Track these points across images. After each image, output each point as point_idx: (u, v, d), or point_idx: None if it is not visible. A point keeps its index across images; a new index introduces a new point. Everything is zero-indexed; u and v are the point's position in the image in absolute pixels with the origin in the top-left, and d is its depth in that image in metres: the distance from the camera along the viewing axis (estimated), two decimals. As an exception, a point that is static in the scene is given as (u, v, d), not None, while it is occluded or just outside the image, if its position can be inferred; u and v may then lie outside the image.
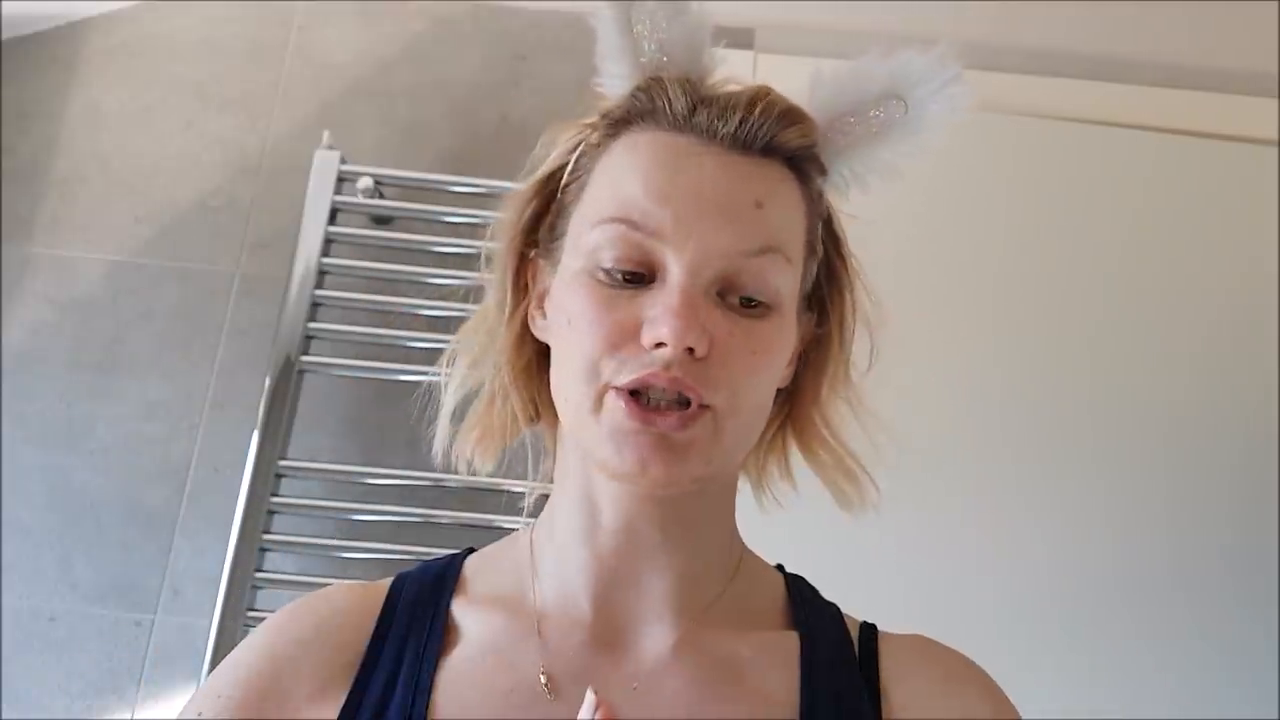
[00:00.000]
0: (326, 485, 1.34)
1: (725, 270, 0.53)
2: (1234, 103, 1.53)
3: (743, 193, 0.54)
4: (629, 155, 0.56)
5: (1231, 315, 1.45)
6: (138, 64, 1.56)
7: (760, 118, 0.55)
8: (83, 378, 1.41)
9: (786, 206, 0.56)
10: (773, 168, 0.56)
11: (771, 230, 0.54)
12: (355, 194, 1.41)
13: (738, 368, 0.53)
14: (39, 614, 1.32)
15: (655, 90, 0.57)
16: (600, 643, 0.57)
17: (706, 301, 0.53)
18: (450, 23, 1.59)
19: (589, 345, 0.53)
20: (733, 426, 0.54)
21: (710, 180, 0.54)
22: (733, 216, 0.53)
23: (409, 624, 0.58)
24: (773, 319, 0.55)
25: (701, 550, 0.59)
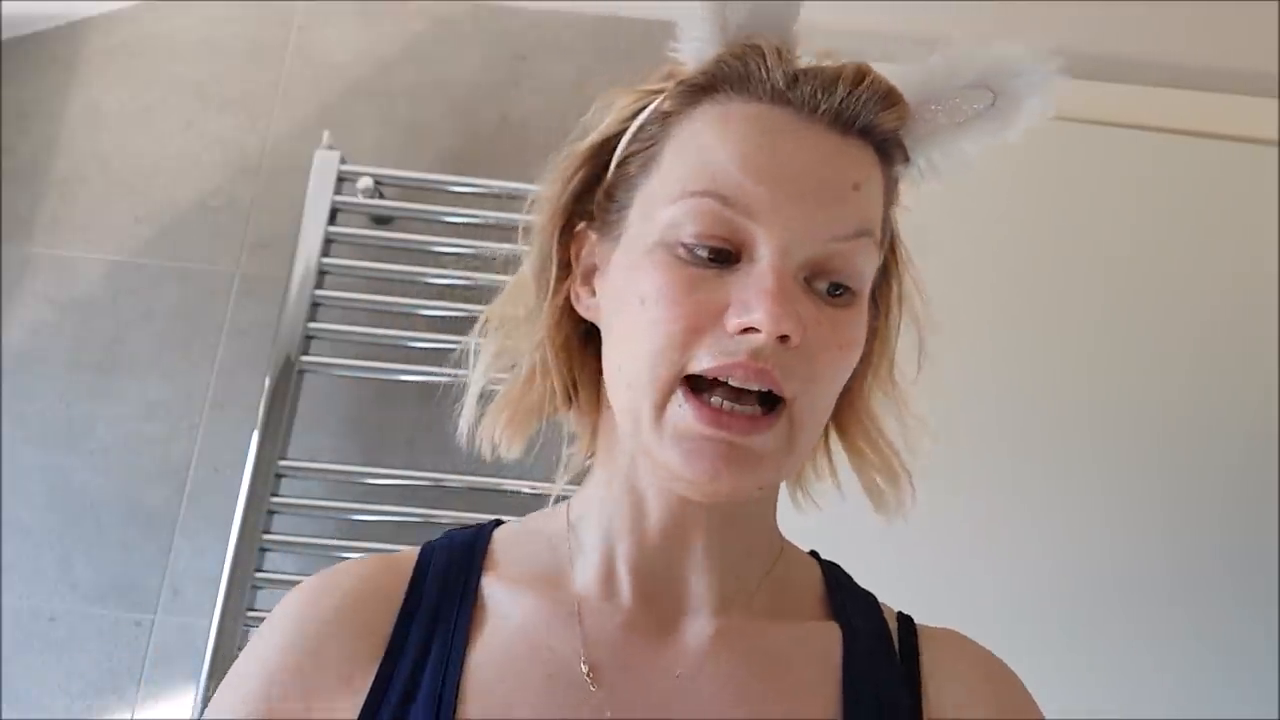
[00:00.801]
0: (326, 485, 1.34)
1: (817, 255, 0.49)
2: (1234, 103, 1.53)
3: (842, 174, 0.50)
4: (718, 125, 0.51)
5: (1231, 315, 1.45)
6: (138, 64, 1.56)
7: (864, 95, 0.51)
8: (83, 378, 1.41)
9: (875, 190, 0.52)
10: (866, 150, 0.52)
11: (865, 213, 0.51)
12: (355, 194, 1.41)
13: (822, 362, 0.49)
14: (39, 614, 1.32)
15: (751, 57, 0.52)
16: (641, 630, 0.54)
17: (797, 287, 0.49)
18: (450, 23, 1.59)
19: (667, 327, 0.48)
20: (806, 428, 0.51)
21: (810, 158, 0.50)
22: (831, 198, 0.50)
23: (438, 600, 0.55)
24: (856, 309, 0.52)
25: (747, 545, 0.57)
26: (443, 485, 1.31)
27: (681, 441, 0.49)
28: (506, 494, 1.32)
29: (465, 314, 1.36)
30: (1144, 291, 1.45)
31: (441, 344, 1.36)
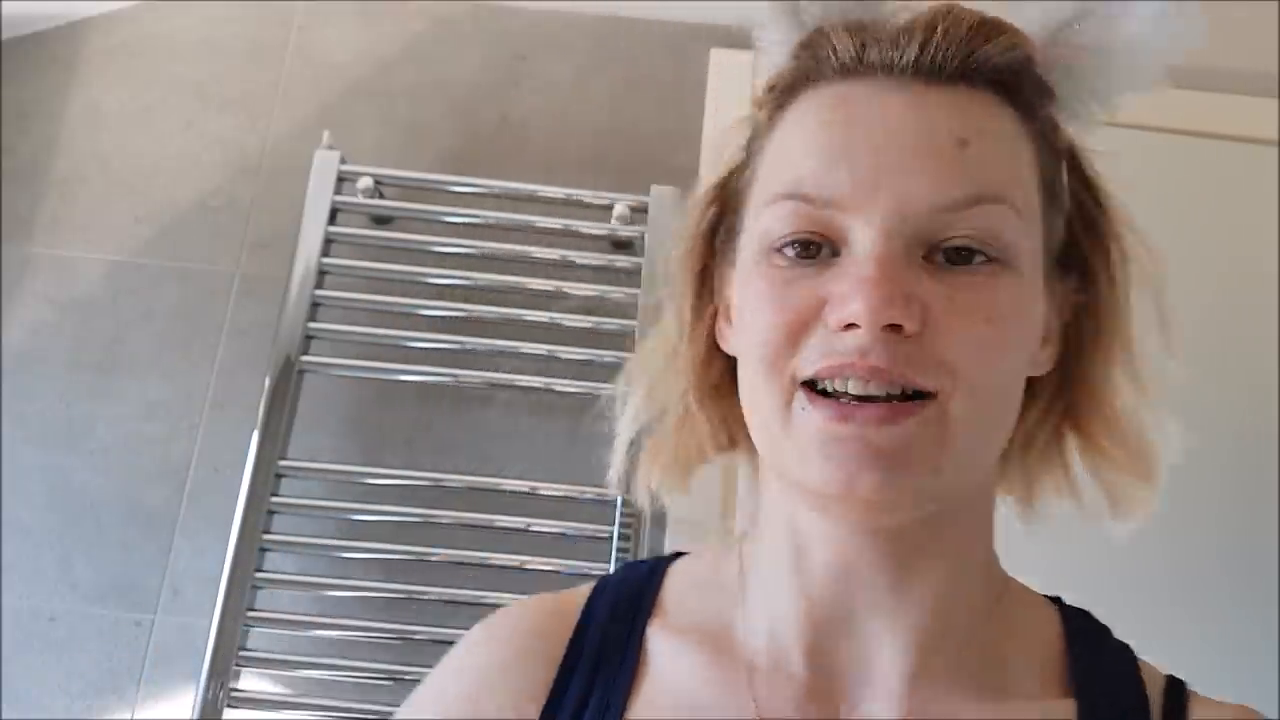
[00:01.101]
0: (326, 485, 1.34)
1: (930, 228, 0.43)
2: (1234, 103, 1.53)
3: (939, 129, 0.43)
4: (798, 122, 0.47)
5: (1231, 316, 1.45)
6: (138, 64, 1.56)
7: (947, 35, 0.44)
8: (83, 378, 1.41)
9: (1004, 143, 0.45)
10: (977, 97, 0.45)
11: (985, 173, 0.43)
12: (355, 194, 1.41)
13: (968, 342, 0.42)
14: (39, 614, 1.32)
15: (818, 43, 0.47)
16: (818, 702, 0.47)
17: (911, 266, 0.42)
18: (450, 23, 1.59)
19: (769, 333, 0.44)
20: (969, 419, 0.42)
21: (895, 122, 0.44)
22: (930, 160, 0.43)
23: (600, 650, 0.51)
24: (1008, 279, 0.43)
25: (944, 590, 0.47)
26: (442, 485, 1.31)
27: (810, 447, 0.43)
28: (506, 494, 1.32)
29: (465, 314, 1.37)
30: (1144, 291, 1.45)
31: (442, 344, 1.36)
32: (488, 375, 1.34)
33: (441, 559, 1.28)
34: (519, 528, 1.29)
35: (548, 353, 1.34)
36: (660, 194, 1.39)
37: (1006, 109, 0.46)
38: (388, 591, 1.27)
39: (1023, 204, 0.44)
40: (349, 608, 1.29)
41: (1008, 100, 0.46)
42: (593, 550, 1.28)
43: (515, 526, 1.29)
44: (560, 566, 1.28)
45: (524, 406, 1.40)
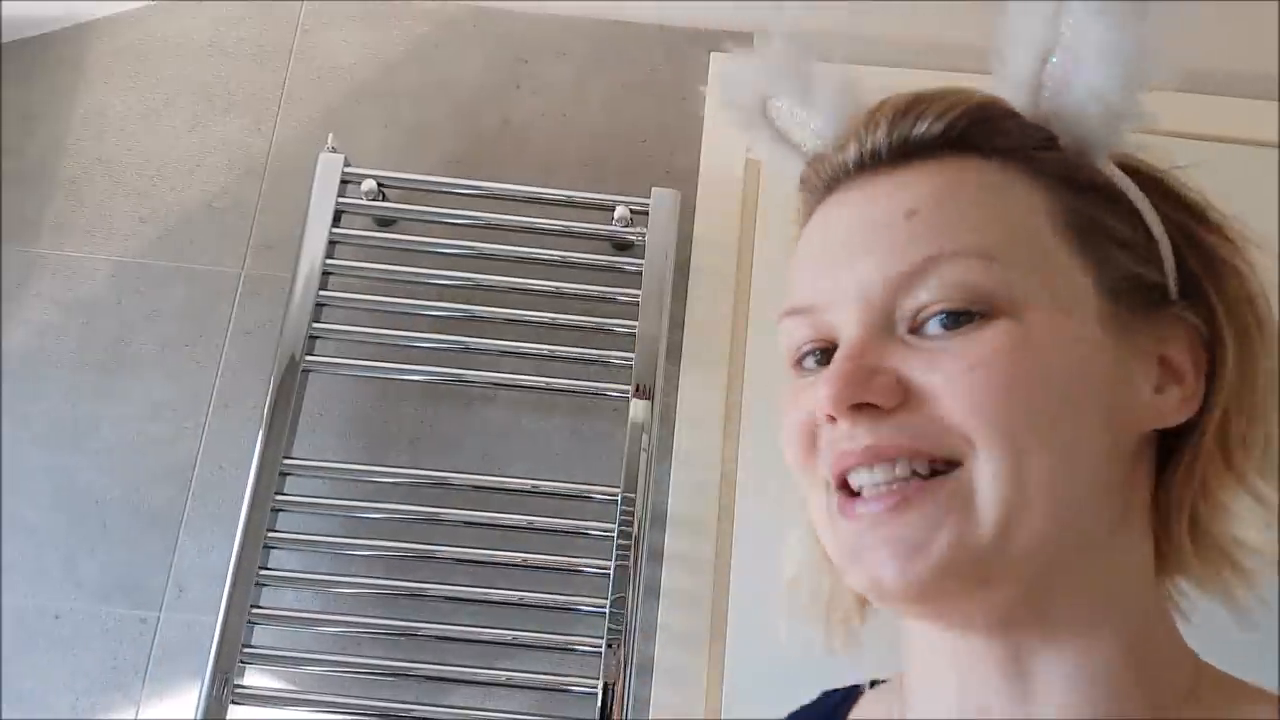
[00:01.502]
0: (331, 483, 1.35)
1: (897, 302, 0.42)
2: (1234, 105, 1.54)
3: (885, 210, 0.44)
4: (798, 248, 0.49)
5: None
6: (143, 66, 1.57)
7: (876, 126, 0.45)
8: (88, 378, 1.42)
9: (964, 197, 0.43)
10: (932, 165, 0.44)
11: (940, 233, 0.42)
12: (359, 196, 1.42)
13: (959, 395, 0.40)
14: (44, 612, 1.33)
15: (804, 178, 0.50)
16: None
17: (889, 344, 0.42)
18: (453, 26, 1.60)
19: (789, 441, 0.45)
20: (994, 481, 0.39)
21: (850, 219, 0.45)
22: (878, 239, 0.43)
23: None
24: (1001, 325, 0.40)
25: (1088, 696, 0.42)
26: (445, 483, 1.32)
27: (846, 549, 0.42)
28: (509, 492, 1.33)
29: (467, 314, 1.38)
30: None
31: (442, 344, 1.37)
32: (490, 375, 1.35)
33: (445, 556, 1.29)
34: (521, 525, 1.30)
35: (549, 352, 1.35)
36: (660, 196, 1.40)
37: (981, 165, 0.44)
38: (391, 588, 1.28)
39: (1003, 251, 0.42)
40: (353, 604, 1.30)
41: (977, 156, 0.45)
42: (594, 547, 1.29)
43: (517, 524, 1.30)
44: (562, 564, 1.29)
45: (526, 405, 1.41)
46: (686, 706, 1.27)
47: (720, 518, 1.34)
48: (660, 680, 1.28)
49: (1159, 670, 0.44)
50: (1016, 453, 0.39)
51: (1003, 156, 0.45)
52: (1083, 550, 0.42)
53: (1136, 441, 0.43)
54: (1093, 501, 0.41)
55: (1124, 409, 0.42)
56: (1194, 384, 0.44)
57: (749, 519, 1.33)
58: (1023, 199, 0.44)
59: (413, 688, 1.27)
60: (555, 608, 1.27)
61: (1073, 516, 0.41)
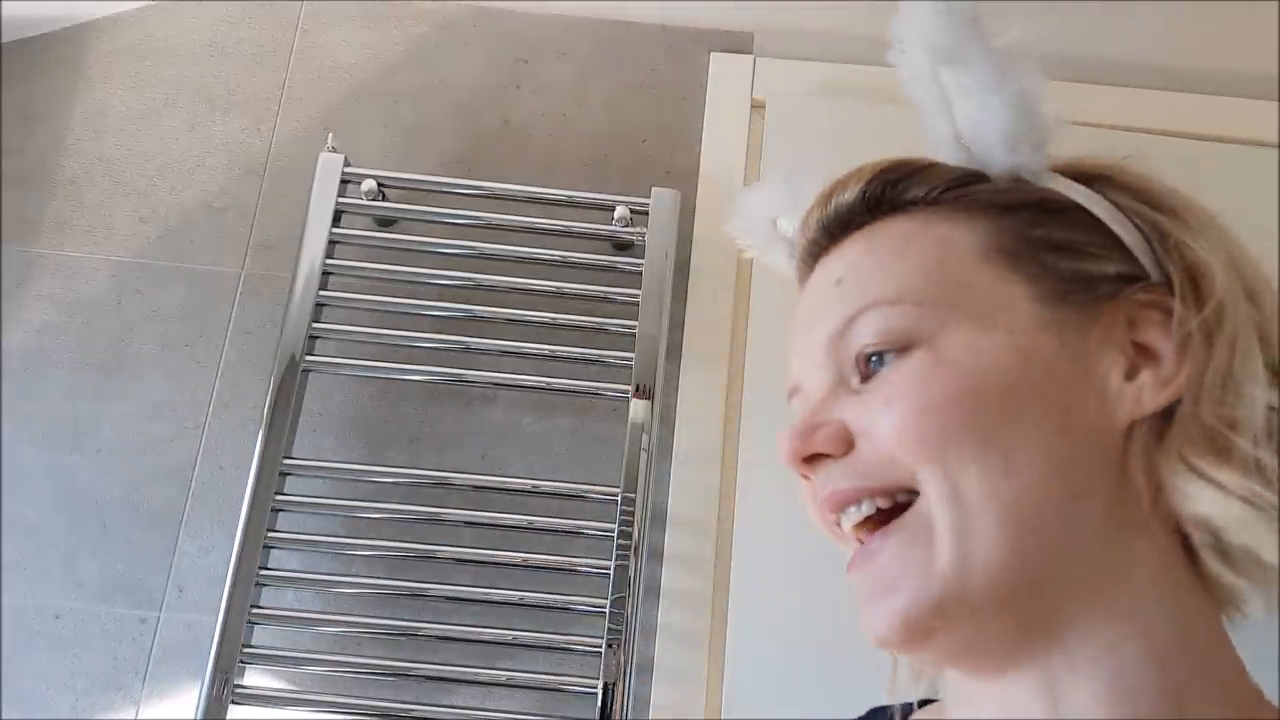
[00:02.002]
0: (331, 483, 1.35)
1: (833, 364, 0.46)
2: (1234, 105, 1.54)
3: (822, 283, 0.49)
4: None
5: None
6: (143, 66, 1.57)
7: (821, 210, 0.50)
8: (88, 378, 1.42)
9: (883, 255, 0.46)
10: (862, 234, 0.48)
11: (858, 294, 0.45)
12: (359, 196, 1.42)
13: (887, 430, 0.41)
14: (44, 612, 1.33)
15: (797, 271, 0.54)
16: None
17: (840, 398, 0.45)
18: (453, 26, 1.60)
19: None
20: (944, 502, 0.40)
21: (805, 298, 0.50)
22: (817, 310, 0.48)
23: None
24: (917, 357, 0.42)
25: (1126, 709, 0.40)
26: (446, 483, 1.32)
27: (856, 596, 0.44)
28: (509, 492, 1.33)
29: (467, 314, 1.38)
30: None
31: (443, 344, 1.37)
32: (490, 375, 1.35)
33: (445, 556, 1.29)
34: (521, 525, 1.30)
35: (549, 352, 1.35)
36: (660, 196, 1.40)
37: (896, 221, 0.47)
38: (391, 588, 1.28)
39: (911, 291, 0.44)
40: (353, 604, 1.30)
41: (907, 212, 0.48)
42: (594, 547, 1.29)
43: (518, 524, 1.30)
44: (562, 563, 1.29)
45: (526, 405, 1.41)
46: (686, 706, 1.27)
47: (720, 518, 1.34)
48: (660, 680, 1.28)
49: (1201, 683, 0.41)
50: (949, 473, 0.40)
51: (923, 206, 0.47)
52: (1085, 565, 0.40)
53: (1120, 437, 0.42)
54: (1073, 511, 0.40)
55: (1084, 406, 0.41)
56: (1174, 363, 0.42)
57: (749, 519, 1.33)
58: (938, 239, 0.46)
59: (413, 688, 1.27)
60: (555, 608, 1.28)
61: (1043, 529, 0.40)
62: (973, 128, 0.48)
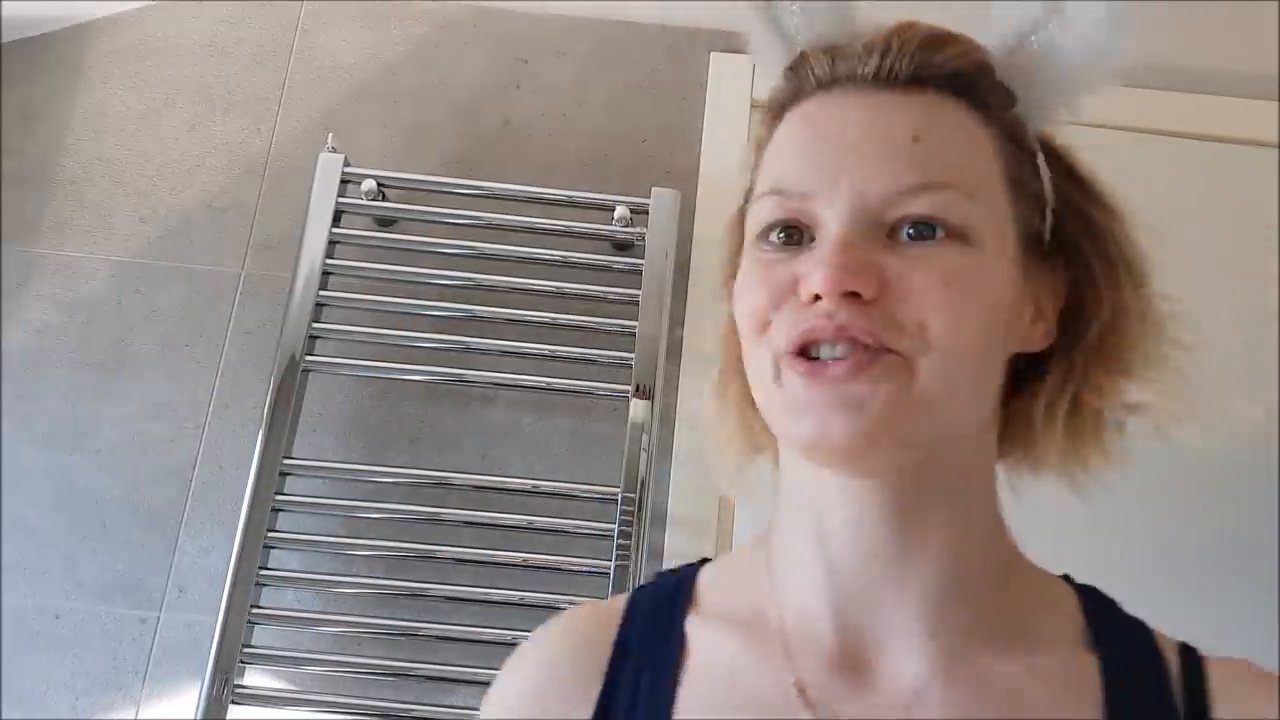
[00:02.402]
0: (331, 483, 1.35)
1: (887, 212, 0.48)
2: (1234, 105, 1.54)
3: (895, 127, 0.49)
4: (784, 133, 0.53)
5: (1230, 317, 1.46)
6: (143, 66, 1.57)
7: (902, 48, 0.50)
8: (88, 378, 1.42)
9: (959, 138, 0.50)
10: (934, 99, 0.50)
11: (935, 164, 0.48)
12: (359, 196, 1.42)
13: (928, 302, 0.46)
14: (44, 612, 1.33)
15: (799, 64, 0.54)
16: (849, 668, 0.51)
17: (873, 243, 0.47)
18: (452, 26, 1.60)
19: (749, 309, 0.50)
20: (932, 373, 0.46)
21: (856, 124, 0.50)
22: (885, 154, 0.48)
23: (646, 645, 0.55)
24: (964, 251, 0.48)
25: (952, 550, 0.51)
26: (446, 483, 1.32)
27: (795, 404, 0.48)
28: (509, 492, 1.33)
29: (467, 314, 1.38)
30: (1142, 292, 1.46)
31: (443, 344, 1.37)
32: (490, 375, 1.35)
33: (445, 556, 1.29)
34: (521, 525, 1.30)
35: (549, 352, 1.35)
36: (660, 196, 1.40)
37: (963, 109, 0.51)
38: (391, 588, 1.28)
39: (976, 191, 0.49)
40: (353, 604, 1.30)
41: (965, 101, 0.51)
42: (594, 547, 1.29)
43: (517, 524, 1.30)
44: (562, 563, 1.29)
45: (526, 405, 1.41)
46: (686, 706, 1.27)
47: (720, 518, 1.34)
48: (660, 680, 1.28)
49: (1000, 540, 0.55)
50: (956, 355, 0.47)
51: (981, 109, 0.52)
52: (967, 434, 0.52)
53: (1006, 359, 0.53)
54: (985, 397, 0.52)
55: (1015, 333, 0.52)
56: (1051, 322, 0.54)
57: (749, 519, 1.33)
58: (986, 149, 0.51)
59: (413, 688, 1.27)
60: (555, 607, 1.27)
61: (975, 406, 0.51)
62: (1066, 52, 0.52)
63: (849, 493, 0.51)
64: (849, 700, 0.50)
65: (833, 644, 0.51)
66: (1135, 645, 0.52)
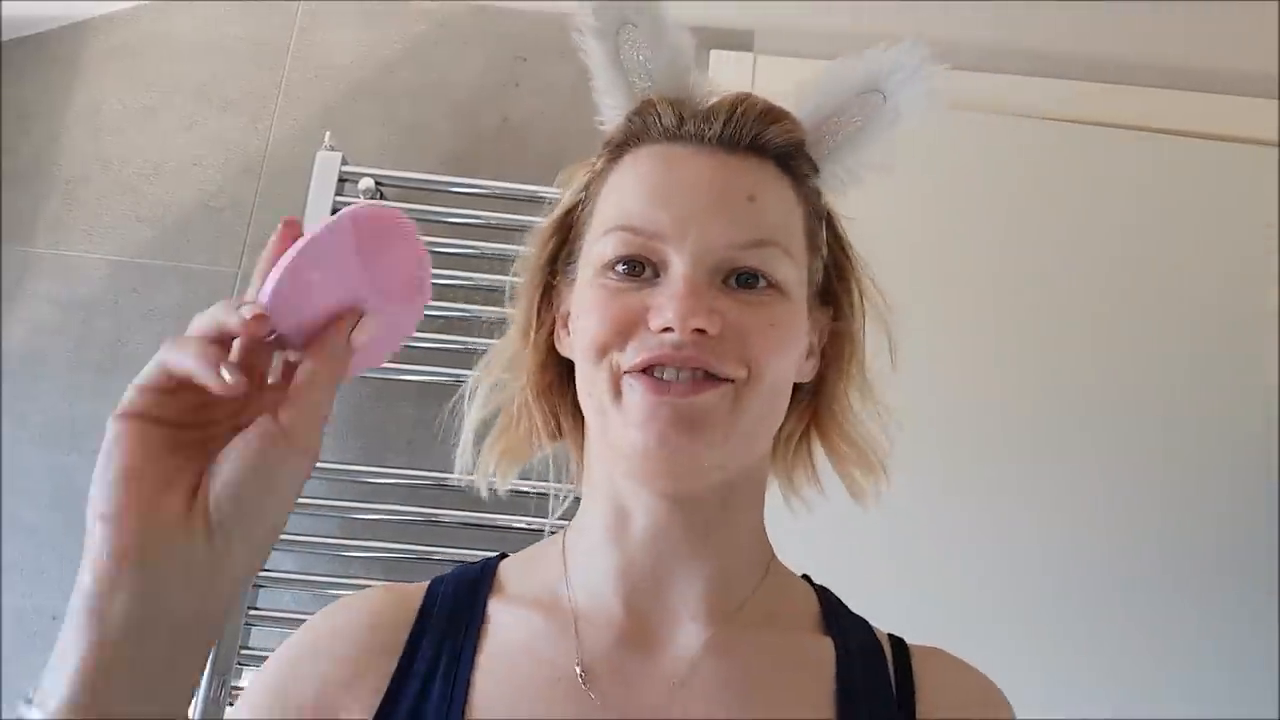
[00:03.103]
0: (328, 484, 1.34)
1: (725, 261, 0.55)
2: (1234, 104, 1.54)
3: (735, 188, 0.57)
4: (629, 171, 0.60)
5: (1230, 316, 1.46)
6: (140, 65, 1.57)
7: (743, 117, 0.58)
8: (85, 378, 1.41)
9: (780, 201, 0.59)
10: (762, 165, 0.59)
11: (766, 223, 0.57)
12: (357, 195, 1.41)
13: (756, 342, 0.55)
14: (42, 612, 1.32)
15: (646, 111, 0.61)
16: (633, 642, 0.58)
17: (711, 286, 0.55)
18: (451, 24, 1.59)
19: (597, 331, 0.55)
20: (754, 401, 0.55)
21: (704, 178, 0.57)
22: (727, 210, 0.56)
23: (447, 622, 0.60)
24: (781, 300, 0.56)
25: (730, 552, 0.60)
26: (444, 484, 1.32)
27: (635, 415, 0.54)
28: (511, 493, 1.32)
29: (465, 314, 1.37)
30: (1143, 292, 1.46)
31: (442, 344, 1.36)
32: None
33: (442, 558, 1.28)
34: (520, 525, 1.29)
35: (548, 353, 1.35)
36: (660, 195, 1.40)
37: (784, 176, 0.60)
38: (389, 590, 1.28)
39: (791, 247, 0.58)
40: (350, 606, 1.30)
41: (785, 170, 0.60)
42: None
43: (516, 524, 1.29)
44: (560, 565, 1.28)
45: (525, 406, 1.41)
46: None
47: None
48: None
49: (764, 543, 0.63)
50: (772, 390, 0.56)
51: (795, 177, 0.60)
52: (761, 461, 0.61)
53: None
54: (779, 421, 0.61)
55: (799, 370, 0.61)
56: (816, 358, 0.63)
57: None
58: (796, 213, 0.60)
59: (411, 689, 1.27)
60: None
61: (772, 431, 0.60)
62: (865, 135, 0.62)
63: (653, 503, 0.58)
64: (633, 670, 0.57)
65: (623, 621, 0.58)
66: (860, 635, 0.61)
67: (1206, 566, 1.35)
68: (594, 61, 0.66)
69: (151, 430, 0.42)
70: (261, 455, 0.41)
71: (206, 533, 0.40)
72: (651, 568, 0.58)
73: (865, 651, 0.60)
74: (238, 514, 0.41)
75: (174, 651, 0.41)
